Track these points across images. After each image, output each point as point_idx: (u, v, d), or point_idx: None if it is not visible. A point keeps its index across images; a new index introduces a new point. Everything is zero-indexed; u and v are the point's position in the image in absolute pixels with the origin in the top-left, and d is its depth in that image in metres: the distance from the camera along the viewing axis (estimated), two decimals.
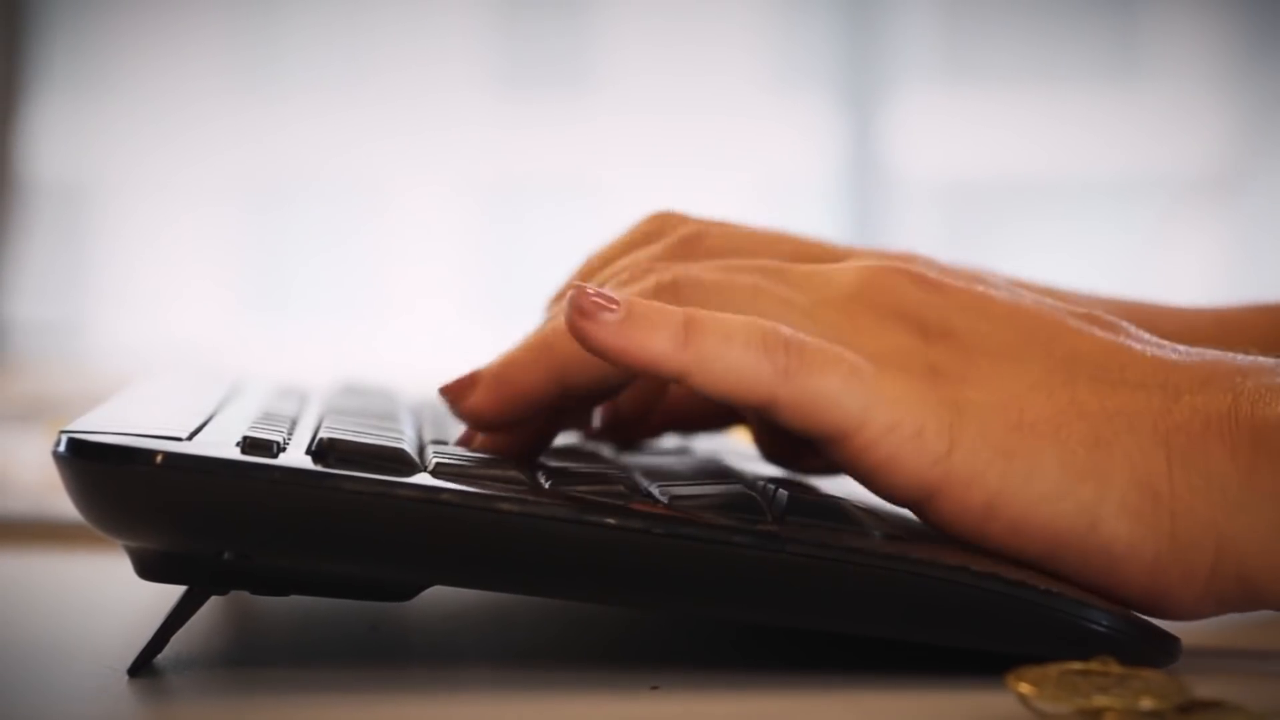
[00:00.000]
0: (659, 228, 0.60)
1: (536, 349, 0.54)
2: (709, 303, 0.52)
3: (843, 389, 0.50)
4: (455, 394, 0.55)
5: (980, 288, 0.53)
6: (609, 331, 0.50)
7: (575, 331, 0.50)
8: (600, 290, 0.50)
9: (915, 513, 0.51)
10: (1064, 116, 3.39)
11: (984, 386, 0.51)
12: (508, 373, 0.55)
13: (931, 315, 0.52)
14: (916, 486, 0.50)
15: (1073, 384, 0.51)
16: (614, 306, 0.50)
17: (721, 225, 0.59)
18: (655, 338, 0.50)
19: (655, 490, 0.50)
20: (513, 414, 0.55)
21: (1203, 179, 3.36)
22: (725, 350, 0.50)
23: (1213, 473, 0.49)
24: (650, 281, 0.54)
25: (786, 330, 0.50)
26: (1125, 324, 0.53)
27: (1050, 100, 3.40)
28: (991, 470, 0.50)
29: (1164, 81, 3.41)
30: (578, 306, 0.50)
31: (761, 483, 0.53)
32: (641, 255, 0.58)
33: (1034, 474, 0.50)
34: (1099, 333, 0.52)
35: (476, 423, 0.55)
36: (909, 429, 0.50)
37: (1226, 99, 3.35)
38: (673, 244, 0.58)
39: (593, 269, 0.61)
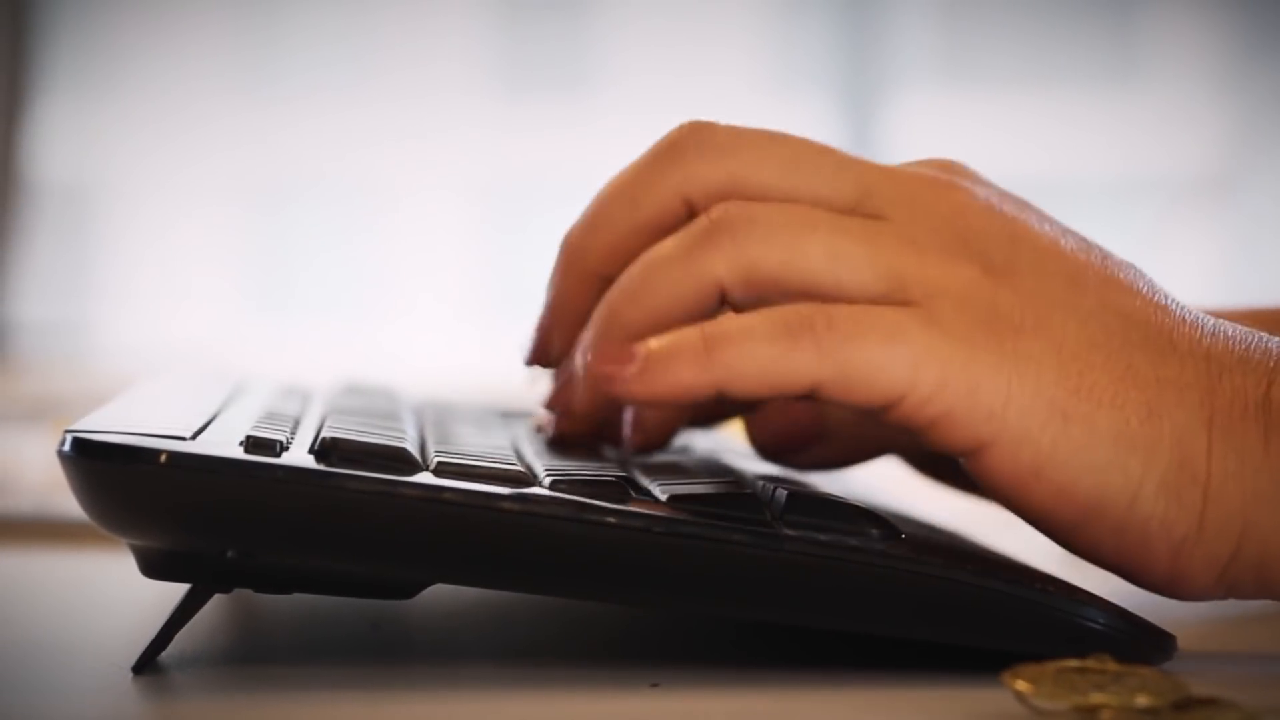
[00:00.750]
0: (692, 144, 0.54)
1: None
2: (767, 240, 0.50)
3: (885, 354, 0.48)
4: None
5: (1035, 220, 0.52)
6: (636, 387, 0.49)
7: (602, 390, 0.49)
8: (613, 345, 0.50)
9: (964, 465, 0.50)
10: (1061, 118, 3.39)
11: (1044, 338, 0.49)
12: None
13: (995, 249, 0.50)
14: (971, 440, 0.49)
15: (1129, 347, 0.49)
16: (631, 358, 0.49)
17: (756, 149, 0.53)
18: (678, 370, 0.49)
19: (655, 489, 0.50)
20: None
21: (1199, 180, 3.36)
22: (751, 352, 0.49)
23: (1247, 458, 0.49)
24: (703, 222, 0.51)
25: (808, 309, 0.49)
26: (1157, 281, 0.52)
27: (1047, 102, 3.40)
28: (1046, 433, 0.49)
29: (1161, 83, 3.41)
30: (595, 375, 0.50)
31: (761, 482, 0.53)
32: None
33: (1089, 442, 0.49)
34: (1143, 289, 0.51)
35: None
36: (962, 385, 0.49)
37: (1223, 100, 3.35)
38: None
39: (611, 205, 0.56)
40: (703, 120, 0.53)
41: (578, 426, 0.57)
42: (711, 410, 0.62)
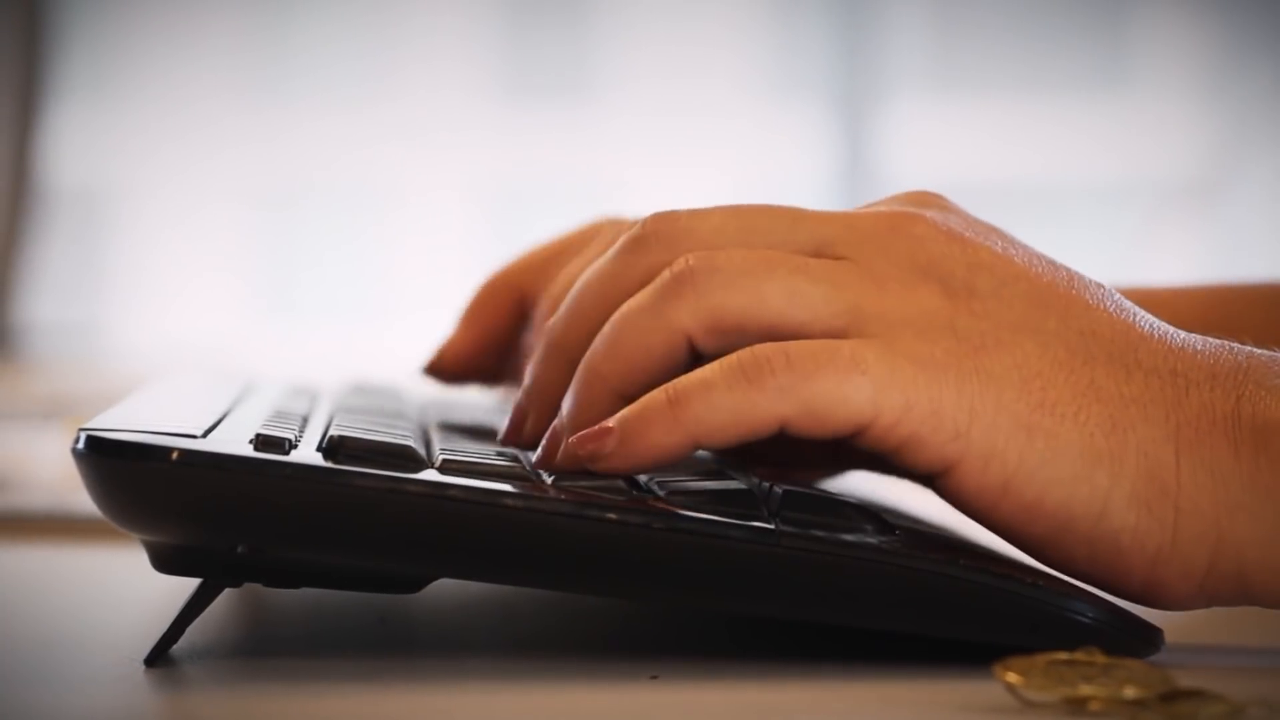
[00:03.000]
0: (652, 234, 0.57)
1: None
2: (727, 286, 0.51)
3: (846, 384, 0.49)
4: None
5: (999, 244, 0.52)
6: (617, 461, 0.50)
7: (586, 465, 0.50)
8: (583, 433, 0.50)
9: (933, 488, 0.50)
10: (1051, 123, 3.39)
11: (1005, 357, 0.49)
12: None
13: (956, 271, 0.50)
14: (938, 460, 0.49)
15: (1092, 364, 0.49)
16: (607, 435, 0.50)
17: (711, 228, 0.53)
18: (652, 436, 0.49)
19: (655, 486, 0.50)
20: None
21: (1187, 184, 3.35)
22: (714, 403, 0.49)
23: (1217, 470, 0.49)
24: (665, 276, 0.52)
25: (764, 351, 0.49)
26: (1126, 300, 0.52)
27: (1038, 107, 3.40)
28: (1011, 448, 0.49)
29: (1149, 89, 3.41)
30: (578, 457, 0.50)
31: (757, 479, 0.53)
32: (641, 257, 0.54)
33: (1053, 456, 0.49)
34: (1110, 308, 0.51)
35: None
36: (925, 407, 0.49)
37: (1210, 106, 3.35)
38: (661, 231, 0.53)
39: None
40: (665, 211, 0.54)
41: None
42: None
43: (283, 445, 0.48)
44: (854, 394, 0.49)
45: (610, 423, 0.50)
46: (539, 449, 0.53)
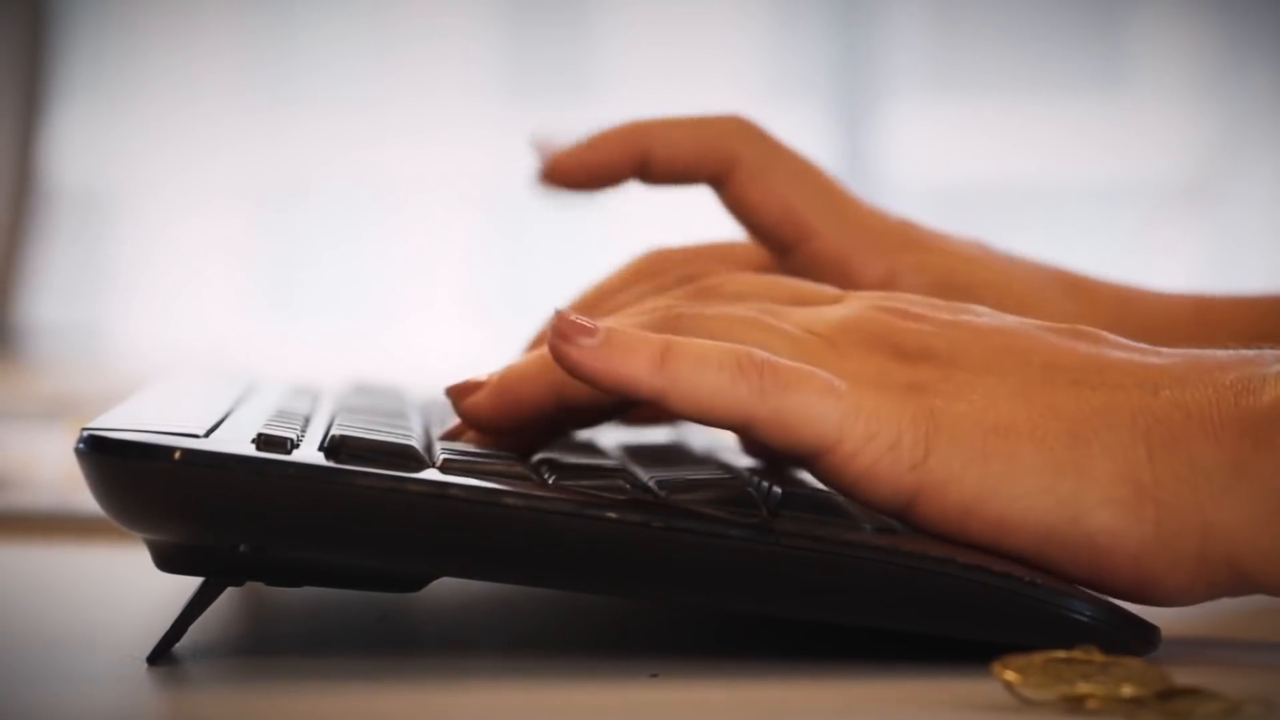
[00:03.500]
0: (657, 265, 0.61)
1: (539, 363, 0.54)
2: (706, 330, 0.52)
3: (818, 404, 0.50)
4: (458, 394, 0.56)
5: (965, 316, 0.53)
6: (587, 355, 0.50)
7: (555, 354, 0.50)
8: (581, 317, 0.50)
9: (901, 520, 0.51)
10: (1049, 124, 3.39)
11: (961, 397, 0.50)
12: (510, 382, 0.55)
13: (912, 340, 0.52)
14: (896, 493, 0.50)
15: (1051, 389, 0.50)
16: (593, 332, 0.50)
17: (735, 276, 0.58)
18: (631, 362, 0.50)
19: (654, 485, 0.50)
20: (509, 422, 0.55)
21: (1184, 185, 3.36)
22: (700, 373, 0.49)
23: (1196, 461, 0.49)
24: (657, 315, 0.54)
25: (760, 354, 0.50)
26: (1107, 335, 0.53)
27: (1035, 108, 3.40)
28: (969, 472, 0.50)
29: (1146, 91, 3.41)
30: (558, 330, 0.50)
31: (757, 478, 0.53)
32: (662, 299, 0.57)
33: (1011, 472, 0.49)
34: (1080, 345, 0.52)
35: (474, 424, 0.56)
36: (885, 439, 0.50)
37: (1206, 107, 3.35)
38: (695, 289, 0.57)
39: (589, 302, 0.62)
40: (659, 247, 0.58)
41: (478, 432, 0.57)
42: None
43: (285, 445, 0.48)
44: (824, 414, 0.50)
45: (599, 326, 0.50)
46: (455, 383, 0.54)
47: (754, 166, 0.64)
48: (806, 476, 0.60)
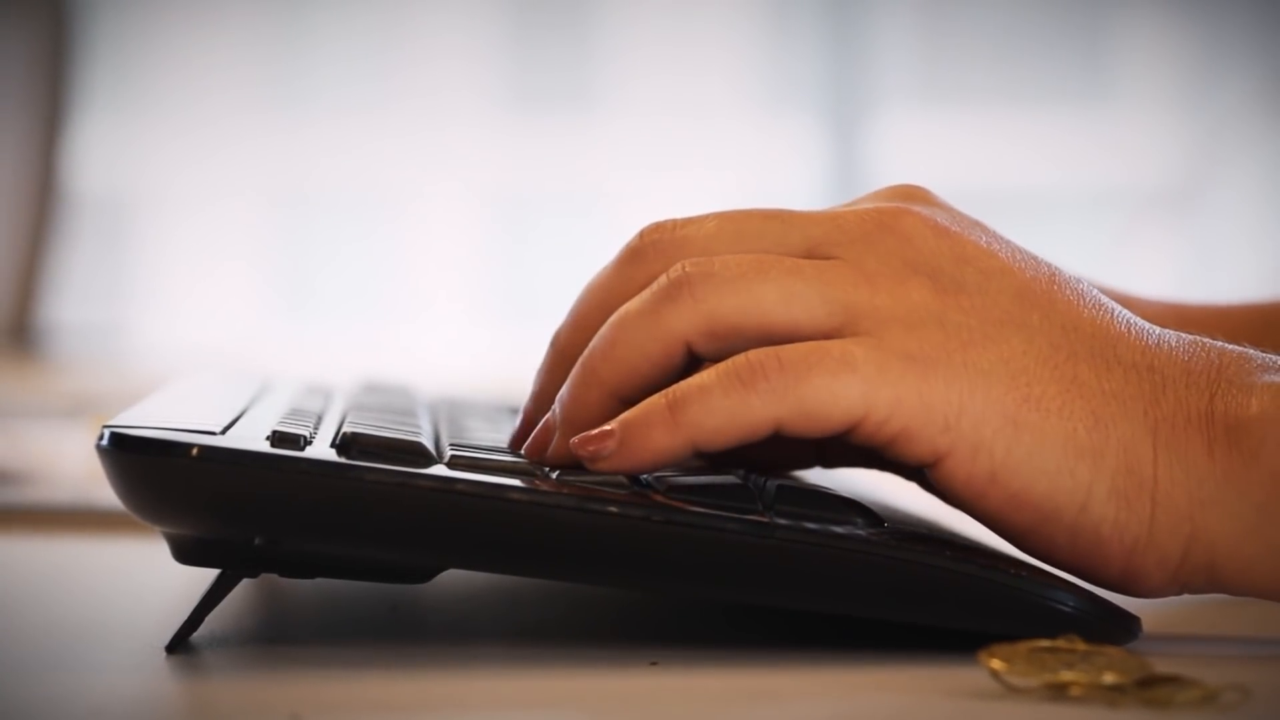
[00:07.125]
0: (650, 245, 0.57)
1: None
2: (723, 291, 0.50)
3: (837, 384, 0.49)
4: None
5: (984, 238, 0.52)
6: (615, 461, 0.50)
7: (592, 469, 0.50)
8: (588, 432, 0.50)
9: (924, 479, 0.50)
10: (1034, 133, 3.39)
11: (993, 351, 0.49)
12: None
13: (944, 266, 0.50)
14: (929, 452, 0.49)
15: (1074, 360, 0.50)
16: (608, 437, 0.50)
17: (692, 220, 0.54)
18: (652, 439, 0.49)
19: (654, 480, 0.50)
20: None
21: (1164, 191, 3.36)
22: (711, 407, 0.49)
23: (1192, 466, 0.49)
24: (663, 281, 0.51)
25: (759, 355, 0.49)
26: (1102, 295, 0.52)
27: (1022, 117, 3.40)
28: (999, 440, 0.49)
29: (1128, 100, 3.41)
30: (583, 456, 0.50)
31: (752, 474, 0.53)
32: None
33: (1038, 448, 0.49)
34: (1089, 304, 0.51)
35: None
36: (916, 401, 0.49)
37: (1186, 116, 3.35)
38: (666, 245, 0.53)
39: (591, 306, 0.59)
40: (660, 221, 0.54)
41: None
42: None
43: (298, 441, 0.48)
44: (845, 392, 0.49)
45: (611, 425, 0.50)
46: (528, 441, 0.53)
47: None
48: (801, 473, 0.60)
